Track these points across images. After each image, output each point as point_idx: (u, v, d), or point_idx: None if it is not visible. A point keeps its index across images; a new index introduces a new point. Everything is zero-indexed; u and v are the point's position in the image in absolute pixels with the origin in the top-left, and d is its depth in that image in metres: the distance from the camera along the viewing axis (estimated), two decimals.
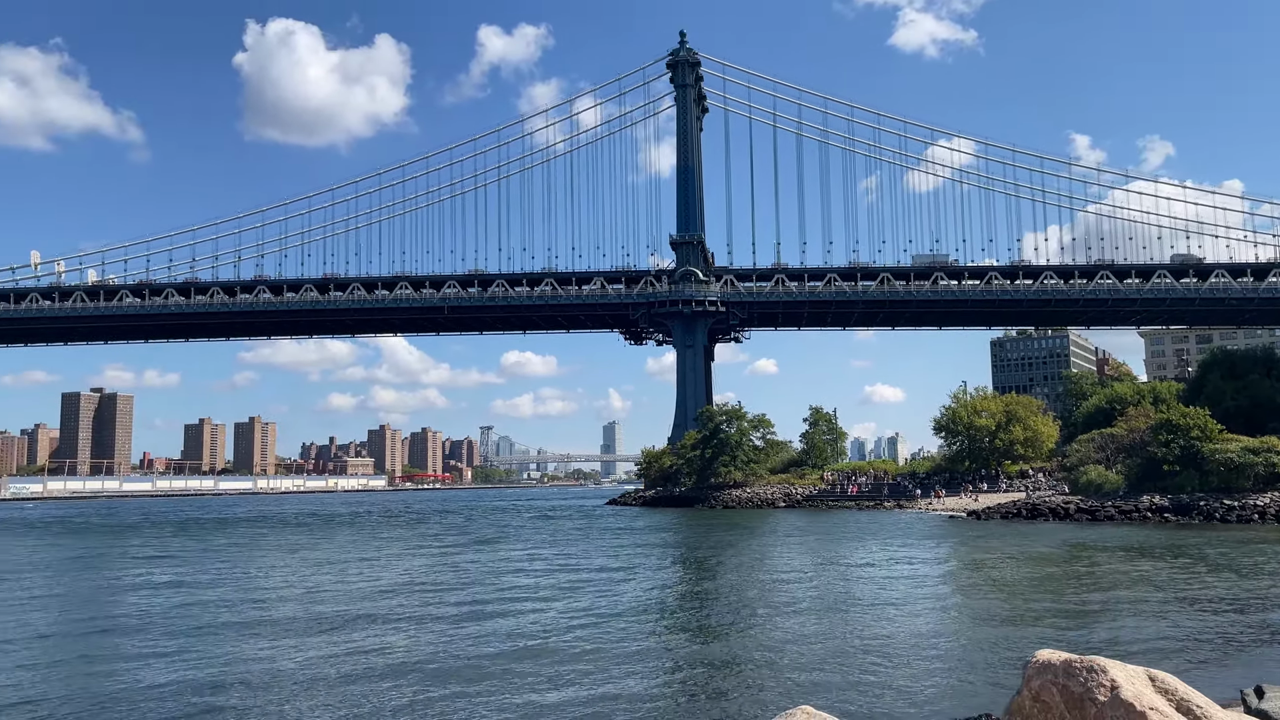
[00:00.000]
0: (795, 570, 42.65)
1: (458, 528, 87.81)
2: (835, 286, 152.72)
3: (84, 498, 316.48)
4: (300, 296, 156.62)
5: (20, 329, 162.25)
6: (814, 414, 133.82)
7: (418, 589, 36.38)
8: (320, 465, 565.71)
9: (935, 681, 19.74)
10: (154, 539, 77.12)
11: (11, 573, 48.84)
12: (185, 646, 24.48)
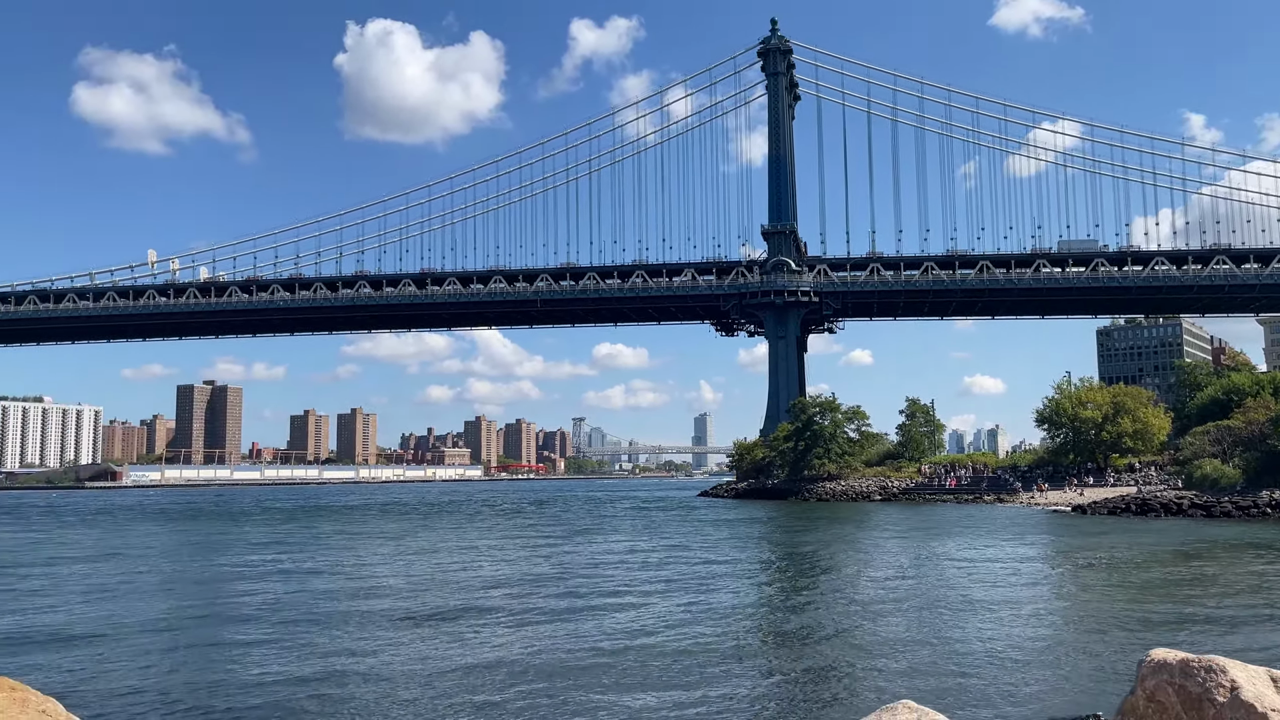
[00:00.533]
0: (894, 565, 41.96)
1: (555, 518, 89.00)
2: (932, 275, 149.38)
3: (198, 485, 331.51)
4: (399, 291, 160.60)
5: (139, 324, 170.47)
6: (910, 405, 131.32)
7: (518, 580, 36.95)
8: (419, 455, 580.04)
9: (1040, 680, 19.23)
10: (264, 525, 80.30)
11: (137, 556, 51.49)
12: (293, 633, 25.36)
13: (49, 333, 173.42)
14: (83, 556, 51.82)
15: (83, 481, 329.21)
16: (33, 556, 52.67)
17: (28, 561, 49.46)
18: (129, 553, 54.25)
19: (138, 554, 53.09)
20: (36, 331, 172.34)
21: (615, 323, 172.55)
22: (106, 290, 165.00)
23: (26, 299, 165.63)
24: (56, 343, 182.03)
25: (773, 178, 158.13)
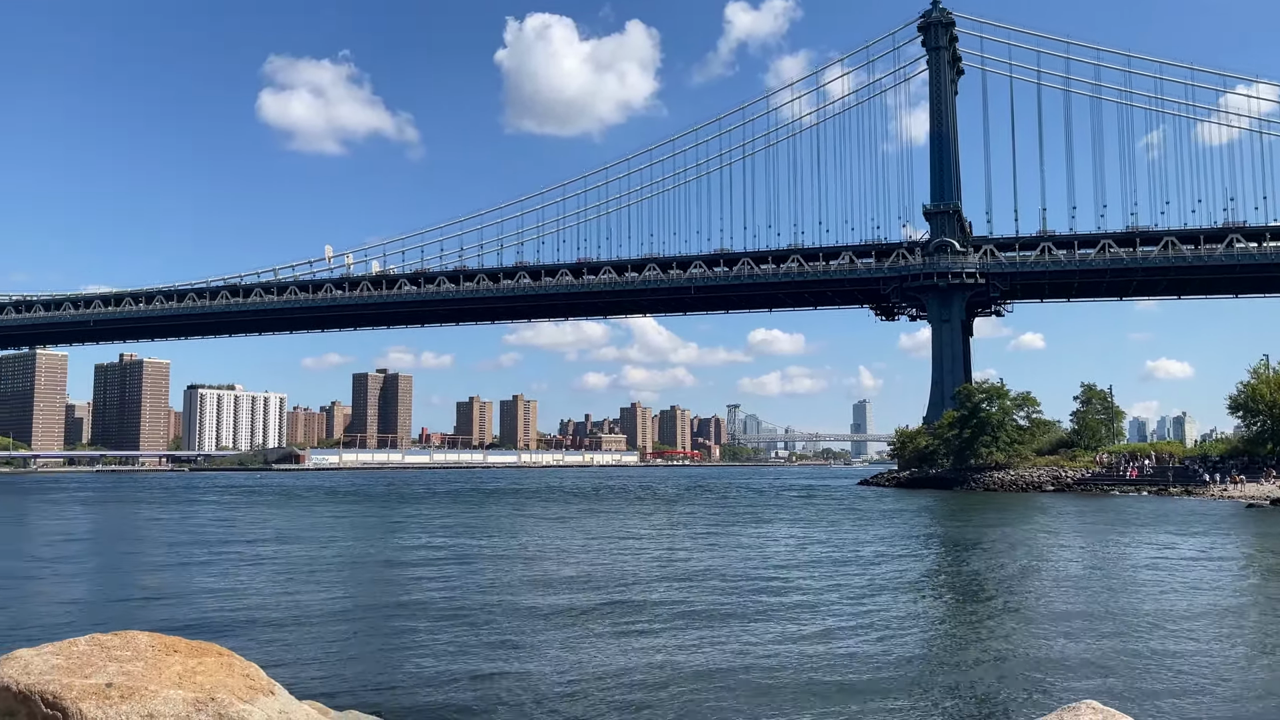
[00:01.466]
0: (1075, 560, 39.68)
1: (714, 505, 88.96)
2: (1110, 253, 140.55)
3: (372, 468, 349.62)
4: (556, 281, 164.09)
5: (318, 316, 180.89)
6: (1086, 391, 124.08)
7: (681, 570, 36.79)
8: (577, 441, 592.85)
9: (1240, 691, 17.64)
10: (438, 507, 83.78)
11: (326, 536, 54.61)
12: (462, 615, 26.05)
13: (239, 325, 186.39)
14: (277, 535, 55.38)
15: (270, 464, 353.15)
16: (233, 534, 56.72)
17: (231, 539, 53.26)
18: (317, 533, 57.63)
19: (326, 534, 56.36)
20: (229, 324, 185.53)
21: (770, 308, 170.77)
22: (289, 285, 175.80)
23: (219, 294, 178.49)
24: (246, 334, 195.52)
25: (935, 156, 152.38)
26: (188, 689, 5.31)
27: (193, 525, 63.76)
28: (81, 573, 37.68)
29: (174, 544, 49.48)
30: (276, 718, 5.60)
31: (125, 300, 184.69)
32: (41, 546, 50.18)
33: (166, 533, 58.07)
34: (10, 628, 24.25)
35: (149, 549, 47.93)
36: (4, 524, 69.00)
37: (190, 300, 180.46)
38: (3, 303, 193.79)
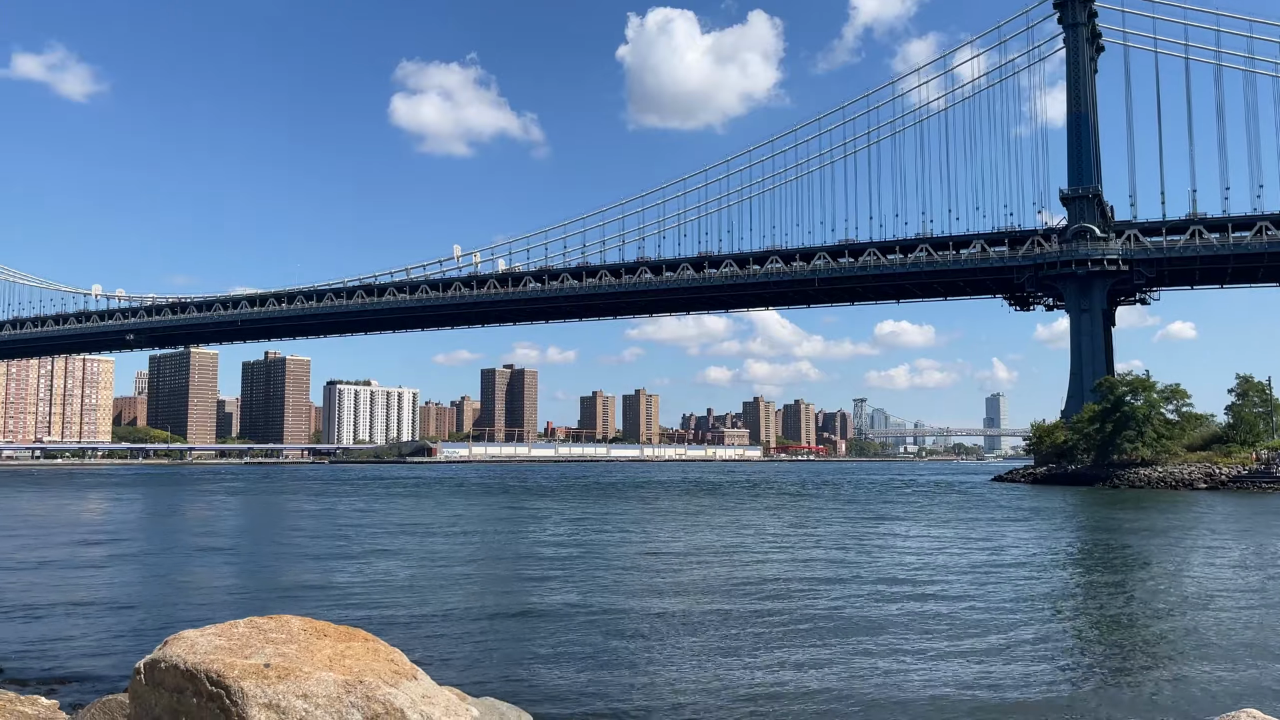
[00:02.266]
0: (1233, 563, 37.26)
1: (842, 501, 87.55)
2: (1268, 236, 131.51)
3: (500, 461, 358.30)
4: (677, 275, 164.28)
5: (447, 314, 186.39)
6: (1242, 383, 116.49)
7: (816, 565, 36.39)
8: (699, 435, 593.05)
9: None
10: (570, 501, 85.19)
11: (469, 528, 56.23)
12: (593, 612, 26.32)
13: (374, 323, 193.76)
14: (414, 526, 57.37)
15: (404, 457, 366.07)
16: (374, 524, 59.02)
17: (372, 529, 55.44)
18: (452, 525, 59.36)
19: (461, 526, 58.04)
20: (364, 322, 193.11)
21: (898, 299, 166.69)
22: (420, 284, 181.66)
23: (356, 293, 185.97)
24: (381, 332, 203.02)
25: (1072, 138, 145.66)
26: (338, 671, 5.49)
27: (335, 515, 66.68)
28: (235, 559, 39.83)
29: (319, 533, 51.83)
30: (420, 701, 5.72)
31: (269, 301, 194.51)
32: (199, 535, 53.36)
33: (312, 522, 60.90)
34: (174, 609, 25.86)
35: (296, 537, 50.31)
36: (166, 514, 73.63)
37: (329, 300, 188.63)
38: (160, 305, 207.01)
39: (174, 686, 5.23)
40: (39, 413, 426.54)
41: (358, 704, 5.47)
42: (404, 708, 5.65)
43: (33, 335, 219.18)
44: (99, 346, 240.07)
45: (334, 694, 5.36)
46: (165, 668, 5.25)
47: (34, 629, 22.76)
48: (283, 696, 5.16)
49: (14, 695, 6.99)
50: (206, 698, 5.15)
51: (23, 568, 35.38)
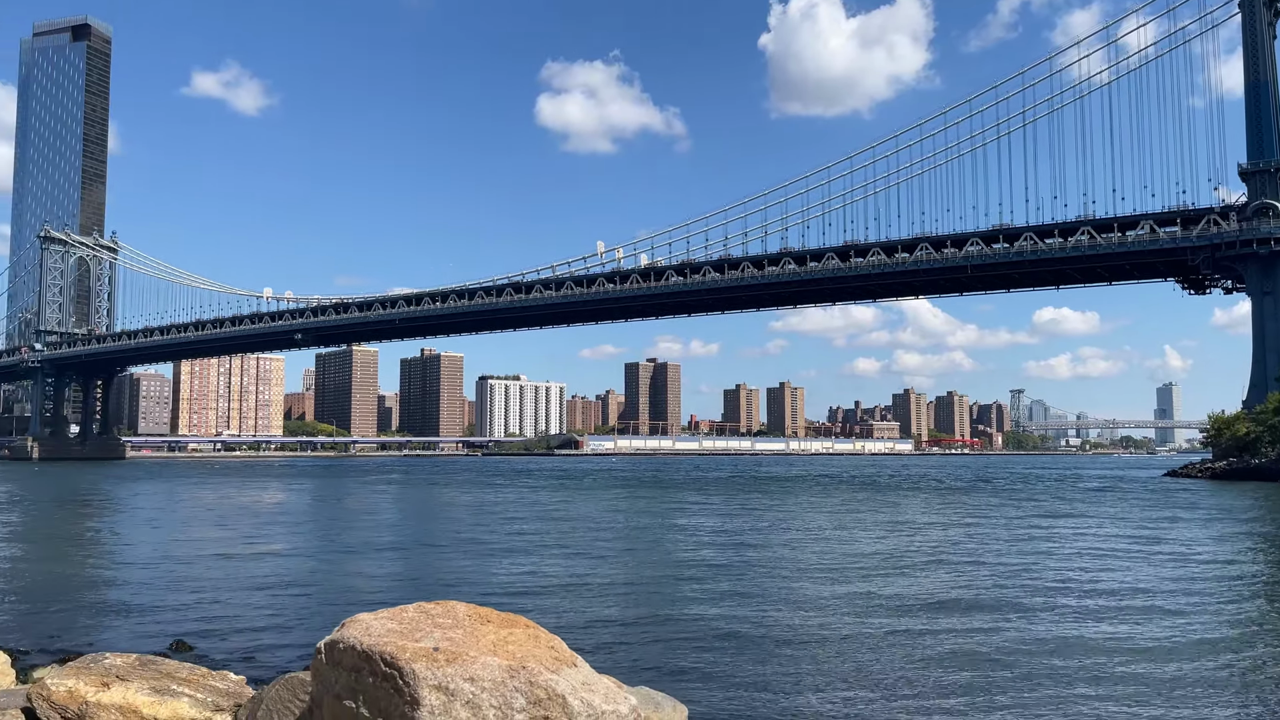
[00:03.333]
0: None
1: (1010, 495, 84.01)
2: None
3: (644, 454, 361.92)
4: (822, 265, 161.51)
5: (591, 309, 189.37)
6: None
7: (996, 564, 34.88)
8: (846, 428, 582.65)
9: None
10: (716, 494, 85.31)
11: (616, 520, 57.17)
12: (748, 606, 26.22)
13: (523, 320, 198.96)
14: (568, 517, 58.67)
15: (552, 449, 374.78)
16: (529, 514, 60.70)
17: (527, 518, 57.01)
18: (605, 516, 60.39)
19: (612, 517, 59.01)
20: (513, 319, 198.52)
21: (1057, 285, 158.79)
22: (565, 281, 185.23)
23: (504, 291, 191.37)
24: (529, 328, 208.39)
25: (1251, 108, 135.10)
26: (502, 656, 5.66)
27: (490, 506, 68.93)
28: (398, 546, 41.71)
29: (476, 523, 53.70)
30: (580, 688, 5.82)
31: (424, 300, 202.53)
32: (365, 523, 56.17)
33: (468, 513, 63.14)
34: (343, 594, 27.31)
35: (455, 526, 52.26)
36: (334, 503, 77.84)
37: (480, 298, 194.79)
38: (325, 306, 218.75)
39: (351, 666, 5.50)
40: (219, 408, 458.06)
41: (521, 688, 5.61)
42: (565, 693, 5.76)
43: (212, 336, 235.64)
44: (270, 346, 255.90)
45: (498, 678, 5.53)
46: (343, 648, 5.53)
47: (219, 611, 24.45)
48: (451, 679, 5.36)
49: (206, 671, 7.51)
50: (381, 678, 5.40)
51: (209, 553, 38.09)
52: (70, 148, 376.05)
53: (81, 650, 17.62)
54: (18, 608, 25.42)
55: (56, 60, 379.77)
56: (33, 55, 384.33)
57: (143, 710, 6.74)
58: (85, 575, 32.95)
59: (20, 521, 58.50)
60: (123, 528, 53.35)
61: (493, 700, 5.38)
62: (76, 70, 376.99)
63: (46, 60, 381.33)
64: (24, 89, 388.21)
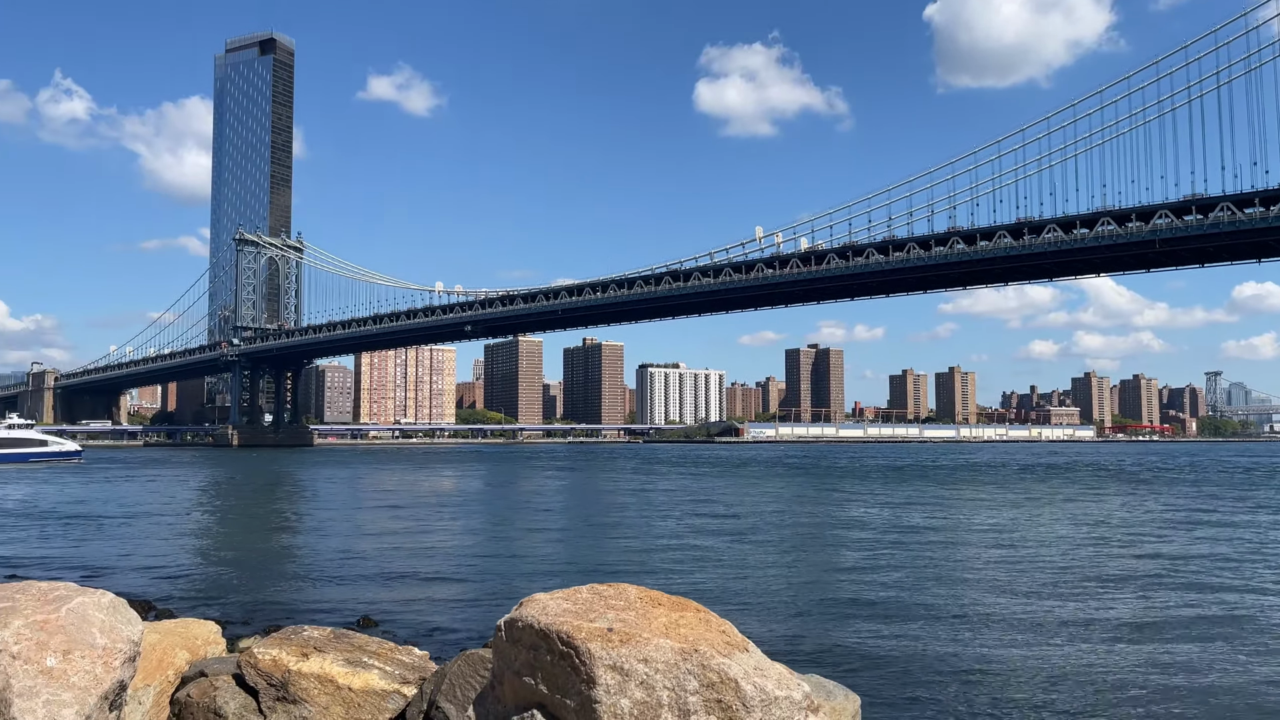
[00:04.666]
0: None
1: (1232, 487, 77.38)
2: None
3: (806, 441, 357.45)
4: (993, 244, 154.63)
5: (750, 295, 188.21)
6: None
7: (1212, 568, 32.65)
8: (1021, 414, 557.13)
9: None
10: (884, 483, 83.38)
11: (779, 508, 56.85)
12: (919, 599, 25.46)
13: (681, 307, 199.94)
14: (729, 503, 58.72)
15: (712, 436, 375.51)
16: (690, 499, 61.08)
17: (690, 504, 57.41)
18: (768, 504, 60.10)
19: (775, 504, 58.63)
20: (671, 307, 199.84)
21: (1259, 259, 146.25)
22: (723, 267, 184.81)
23: (663, 279, 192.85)
24: (687, 315, 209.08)
25: None
26: (674, 639, 5.68)
27: (653, 492, 69.75)
28: (566, 529, 42.82)
29: (640, 508, 54.47)
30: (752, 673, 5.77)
31: (585, 290, 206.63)
32: (534, 507, 57.92)
33: (632, 498, 64.08)
34: (515, 575, 28.26)
35: (620, 511, 53.18)
36: (504, 487, 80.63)
37: (638, 287, 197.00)
38: (492, 299, 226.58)
39: (530, 644, 5.65)
40: (396, 398, 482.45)
41: (693, 671, 5.63)
42: (738, 678, 5.74)
43: (388, 329, 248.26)
44: (442, 337, 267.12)
45: (671, 660, 5.56)
46: (522, 627, 5.68)
47: (400, 589, 25.77)
48: (625, 660, 5.43)
49: (393, 645, 7.87)
50: (558, 656, 5.52)
51: (390, 535, 40.22)
52: (259, 155, 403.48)
53: (279, 623, 18.95)
54: (225, 583, 27.59)
55: (246, 74, 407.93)
56: (225, 70, 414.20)
57: (338, 680, 7.16)
58: (281, 554, 35.41)
59: (226, 504, 63.53)
60: (313, 510, 57.05)
61: (666, 681, 5.42)
62: (264, 82, 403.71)
63: (237, 74, 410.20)
64: (219, 102, 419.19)
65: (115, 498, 64.92)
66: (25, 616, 5.66)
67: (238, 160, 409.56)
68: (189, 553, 35.78)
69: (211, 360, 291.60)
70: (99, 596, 6.20)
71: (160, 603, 23.11)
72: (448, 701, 6.65)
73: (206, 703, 7.04)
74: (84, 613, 5.96)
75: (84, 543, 38.20)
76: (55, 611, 5.82)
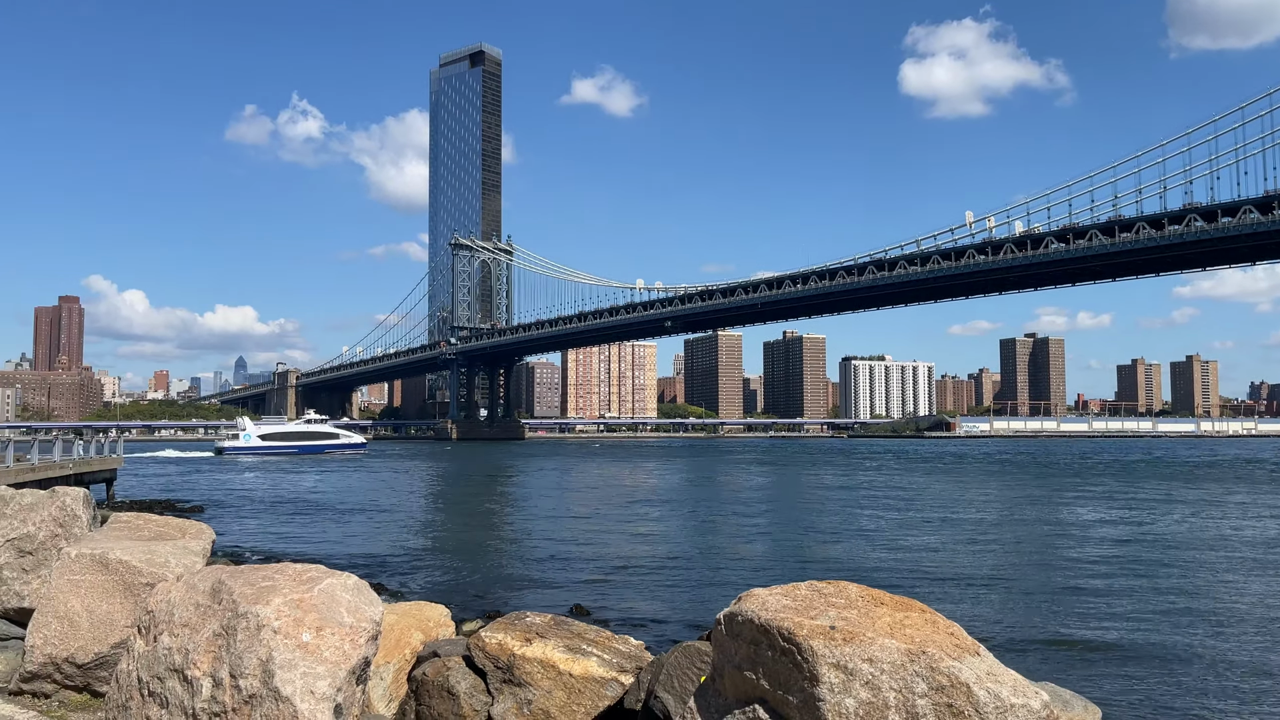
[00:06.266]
0: None
1: None
2: None
3: (1024, 436, 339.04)
4: (1237, 221, 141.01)
5: (961, 284, 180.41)
6: None
7: None
8: (1273, 407, 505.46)
9: None
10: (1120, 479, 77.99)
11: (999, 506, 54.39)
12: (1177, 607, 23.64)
13: (885, 298, 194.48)
14: (947, 501, 56.61)
15: (921, 431, 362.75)
16: (908, 497, 59.39)
17: (907, 501, 55.87)
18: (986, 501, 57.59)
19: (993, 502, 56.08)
20: (875, 298, 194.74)
21: None
22: (931, 255, 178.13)
23: (866, 269, 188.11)
24: (892, 306, 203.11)
25: None
26: (899, 639, 5.45)
27: (860, 487, 68.20)
28: (771, 525, 42.53)
29: (847, 503, 53.38)
30: (985, 677, 5.47)
31: (784, 283, 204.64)
32: (739, 501, 57.94)
33: (841, 493, 62.88)
34: (722, 569, 28.34)
35: (826, 507, 52.30)
36: (707, 482, 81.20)
37: (840, 278, 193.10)
38: (691, 294, 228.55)
39: (750, 639, 5.59)
40: (600, 393, 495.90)
41: (921, 673, 5.40)
42: (969, 682, 5.46)
43: (592, 326, 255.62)
44: (642, 333, 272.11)
45: (898, 661, 5.36)
46: (741, 621, 5.63)
47: (609, 580, 26.40)
48: (849, 659, 5.28)
49: (610, 634, 8.01)
50: (779, 652, 5.43)
51: (598, 527, 41.33)
52: (471, 163, 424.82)
53: (498, 609, 19.85)
54: (447, 569, 29.23)
55: (458, 86, 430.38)
56: (439, 84, 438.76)
57: (559, 665, 7.37)
58: (497, 542, 37.14)
59: (449, 494, 67.47)
60: (526, 501, 59.54)
61: (893, 683, 5.22)
62: (474, 93, 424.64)
63: (450, 87, 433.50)
64: (434, 114, 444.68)
65: (356, 486, 70.38)
66: (284, 595, 6.14)
67: (451, 169, 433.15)
68: (414, 539, 38.19)
69: (431, 359, 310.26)
70: (345, 578, 6.66)
71: (391, 585, 24.77)
72: (666, 692, 6.69)
73: (440, 681, 7.42)
74: (333, 593, 6.41)
75: (325, 527, 41.60)
76: (309, 591, 6.29)
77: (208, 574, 6.61)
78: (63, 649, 7.22)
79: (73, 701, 7.13)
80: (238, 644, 5.94)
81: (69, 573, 7.53)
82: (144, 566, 7.57)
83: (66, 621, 7.31)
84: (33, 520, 9.12)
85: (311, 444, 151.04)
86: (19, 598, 8.84)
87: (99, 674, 7.21)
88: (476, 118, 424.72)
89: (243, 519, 45.73)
